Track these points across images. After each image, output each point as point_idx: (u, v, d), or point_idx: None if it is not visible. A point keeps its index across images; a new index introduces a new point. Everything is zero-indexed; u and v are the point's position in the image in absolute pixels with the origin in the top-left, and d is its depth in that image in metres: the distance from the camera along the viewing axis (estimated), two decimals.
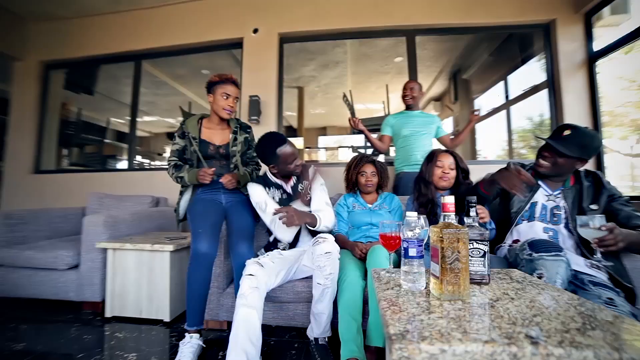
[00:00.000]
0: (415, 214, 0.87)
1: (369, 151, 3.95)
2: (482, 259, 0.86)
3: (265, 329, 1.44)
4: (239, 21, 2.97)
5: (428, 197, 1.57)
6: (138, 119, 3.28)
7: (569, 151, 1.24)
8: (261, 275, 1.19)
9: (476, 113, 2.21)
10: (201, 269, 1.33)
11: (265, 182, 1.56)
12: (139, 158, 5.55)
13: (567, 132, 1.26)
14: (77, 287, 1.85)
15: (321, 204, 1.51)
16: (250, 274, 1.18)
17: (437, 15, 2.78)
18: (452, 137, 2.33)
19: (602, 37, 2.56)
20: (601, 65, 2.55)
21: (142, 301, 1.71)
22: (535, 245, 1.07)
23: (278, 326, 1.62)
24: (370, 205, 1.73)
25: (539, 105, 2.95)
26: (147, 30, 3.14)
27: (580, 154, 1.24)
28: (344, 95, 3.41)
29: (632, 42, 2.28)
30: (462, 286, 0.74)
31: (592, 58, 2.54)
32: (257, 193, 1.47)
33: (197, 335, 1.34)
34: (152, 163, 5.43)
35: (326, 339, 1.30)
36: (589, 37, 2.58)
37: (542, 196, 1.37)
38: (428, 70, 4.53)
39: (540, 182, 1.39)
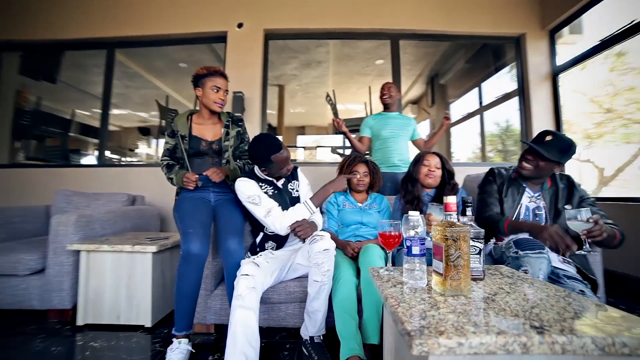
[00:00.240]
0: (418, 213, 0.90)
1: (347, 151, 4.01)
2: (478, 256, 0.91)
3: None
4: (223, 14, 2.88)
5: (414, 194, 1.63)
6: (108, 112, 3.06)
7: (550, 155, 1.34)
8: (258, 275, 1.17)
9: (447, 116, 2.28)
10: (193, 270, 1.27)
11: (256, 178, 1.51)
12: (107, 153, 5.18)
13: (548, 138, 1.37)
14: (41, 294, 1.68)
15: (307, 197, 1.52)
16: (247, 274, 1.15)
17: (421, 21, 2.88)
18: (426, 140, 2.41)
19: (563, 54, 2.82)
20: (562, 78, 2.80)
21: (120, 306, 1.60)
22: (521, 244, 1.15)
23: (269, 327, 1.60)
24: (360, 205, 1.75)
25: (508, 112, 3.17)
26: (122, 16, 2.94)
27: (559, 158, 1.35)
28: (327, 95, 3.43)
29: (586, 60, 2.53)
30: (464, 282, 0.78)
31: (556, 71, 2.77)
32: (249, 186, 1.42)
33: (186, 340, 1.29)
34: (123, 159, 5.09)
35: (321, 337, 1.30)
36: (552, 52, 2.82)
37: (526, 198, 1.47)
38: (408, 74, 4.69)
39: (524, 184, 1.49)
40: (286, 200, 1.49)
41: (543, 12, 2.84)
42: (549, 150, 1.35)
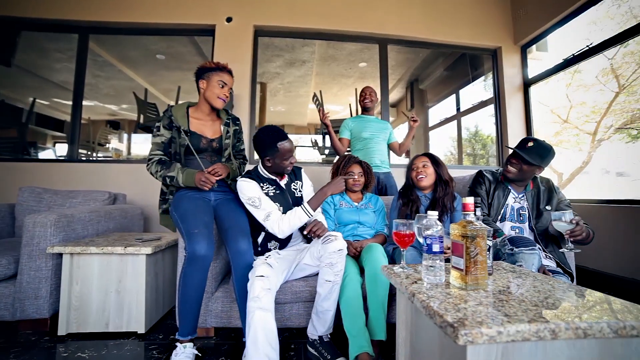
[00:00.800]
0: (436, 213, 0.95)
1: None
2: (488, 252, 0.98)
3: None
4: (212, 6, 2.78)
5: (410, 197, 1.68)
6: (71, 102, 2.78)
7: (532, 159, 1.48)
8: (272, 276, 1.17)
9: (413, 118, 2.33)
10: (199, 272, 1.22)
11: (259, 177, 1.49)
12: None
13: (530, 144, 1.51)
14: (12, 304, 1.52)
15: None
16: (262, 275, 1.14)
17: (407, 28, 3.00)
18: (400, 143, 2.46)
19: (533, 68, 3.11)
20: (532, 90, 3.08)
21: (109, 313, 1.49)
22: (515, 241, 1.26)
23: None
24: (356, 204, 1.80)
25: (482, 118, 3.41)
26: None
27: (540, 162, 1.49)
28: (314, 96, 3.45)
29: (551, 76, 2.83)
30: (481, 277, 0.84)
31: (527, 83, 3.04)
32: (251, 188, 1.39)
33: (191, 344, 1.24)
34: (93, 155, 4.69)
35: (329, 336, 1.32)
36: (524, 65, 3.08)
37: (511, 198, 1.60)
38: (389, 77, 4.84)
39: (509, 186, 1.62)
40: (289, 200, 1.48)
41: (515, 29, 3.09)
42: (531, 155, 1.49)
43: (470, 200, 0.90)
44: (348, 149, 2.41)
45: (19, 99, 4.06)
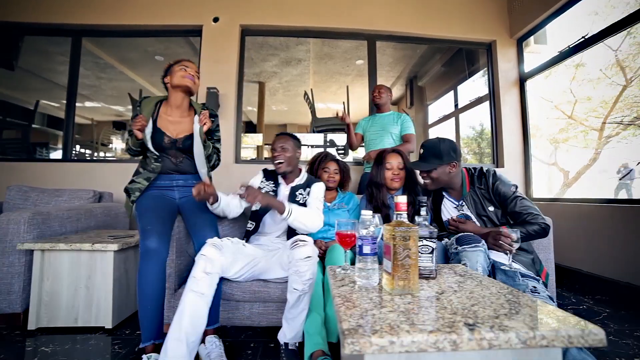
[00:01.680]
0: (370, 212, 0.91)
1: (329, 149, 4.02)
2: (430, 255, 0.93)
3: (220, 329, 1.39)
4: (199, 7, 2.80)
5: (379, 200, 1.60)
6: (78, 104, 2.90)
7: (429, 165, 1.39)
8: (217, 259, 1.15)
9: (343, 117, 2.29)
10: (153, 267, 1.22)
11: (269, 173, 1.62)
12: (77, 147, 4.93)
13: (421, 151, 1.44)
14: None
15: (312, 204, 1.49)
16: (205, 255, 1.14)
17: (396, 24, 2.92)
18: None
19: (531, 62, 2.96)
20: (529, 85, 2.93)
21: (78, 308, 1.53)
22: (460, 240, 1.20)
23: (233, 326, 1.58)
24: (329, 204, 1.76)
25: (483, 114, 3.28)
26: (89, 2, 2.79)
27: (440, 162, 1.38)
28: (305, 94, 3.42)
29: (549, 69, 2.67)
30: (412, 281, 0.80)
31: (523, 78, 2.90)
32: (253, 180, 1.60)
33: (157, 355, 1.16)
34: (95, 154, 4.86)
35: (296, 344, 1.27)
36: (520, 59, 2.94)
37: (451, 208, 1.48)
38: (387, 75, 4.75)
39: (444, 194, 1.50)
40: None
41: (511, 22, 2.95)
42: (426, 161, 1.41)
43: (402, 199, 0.86)
44: (362, 144, 2.47)
45: (26, 101, 4.25)
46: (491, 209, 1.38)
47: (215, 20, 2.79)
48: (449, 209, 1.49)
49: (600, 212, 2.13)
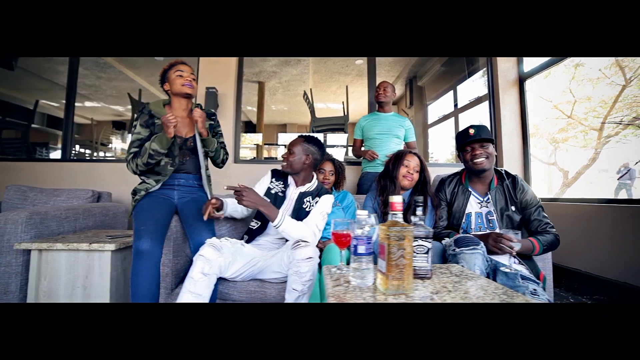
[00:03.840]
0: (366, 212, 0.91)
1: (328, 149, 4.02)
2: (426, 255, 0.93)
3: None
4: None
5: (391, 193, 1.56)
6: (78, 104, 2.91)
7: (489, 134, 1.42)
8: (215, 260, 1.15)
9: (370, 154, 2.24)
10: (146, 268, 1.22)
11: (279, 173, 1.58)
12: (77, 147, 4.94)
13: (472, 130, 1.44)
14: None
15: (312, 218, 1.43)
16: (204, 256, 1.14)
17: None
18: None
19: (529, 62, 2.94)
20: (529, 84, 2.92)
21: None
22: (458, 242, 1.19)
23: None
24: None
25: (482, 114, 3.28)
26: None
27: (490, 134, 1.43)
28: (305, 94, 3.42)
29: (549, 68, 2.67)
30: (406, 281, 0.80)
31: (522, 78, 2.89)
32: (262, 180, 1.58)
33: None
34: (95, 154, 4.87)
35: None
36: (520, 59, 2.92)
37: (476, 204, 1.46)
38: (387, 75, 4.75)
39: (470, 189, 1.48)
40: (281, 205, 1.49)
41: None
42: (482, 132, 1.42)
43: (397, 199, 0.86)
44: (364, 147, 2.38)
45: (26, 100, 4.26)
46: (513, 209, 1.38)
47: None
48: (472, 205, 1.47)
49: (599, 212, 2.12)
